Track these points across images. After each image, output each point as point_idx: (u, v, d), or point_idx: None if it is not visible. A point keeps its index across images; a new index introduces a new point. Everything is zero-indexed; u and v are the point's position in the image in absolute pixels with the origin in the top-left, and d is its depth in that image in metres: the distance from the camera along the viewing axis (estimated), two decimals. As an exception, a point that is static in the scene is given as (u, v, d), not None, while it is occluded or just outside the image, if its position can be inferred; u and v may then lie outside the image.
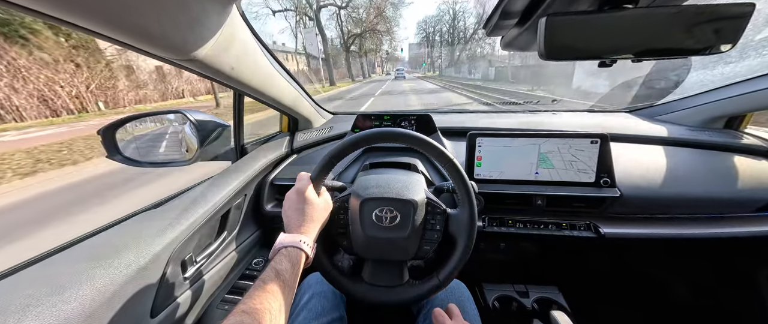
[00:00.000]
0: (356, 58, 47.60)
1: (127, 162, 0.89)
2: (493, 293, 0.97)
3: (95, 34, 0.39)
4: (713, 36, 0.45)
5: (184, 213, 0.66)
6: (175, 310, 0.63)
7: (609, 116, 1.31)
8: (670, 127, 1.10)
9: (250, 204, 0.94)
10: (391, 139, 0.62)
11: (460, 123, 1.20)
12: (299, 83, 1.05)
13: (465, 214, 0.60)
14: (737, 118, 1.07)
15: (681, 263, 1.11)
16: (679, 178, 0.88)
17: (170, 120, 1.02)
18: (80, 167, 4.79)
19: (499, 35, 0.64)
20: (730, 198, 0.84)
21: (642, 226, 0.82)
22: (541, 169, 0.87)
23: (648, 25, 0.46)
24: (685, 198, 0.84)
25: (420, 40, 62.14)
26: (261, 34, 0.73)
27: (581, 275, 1.18)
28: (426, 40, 61.22)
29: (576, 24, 0.46)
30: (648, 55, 0.50)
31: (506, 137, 0.88)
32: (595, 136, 0.82)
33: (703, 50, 0.47)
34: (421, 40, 62.82)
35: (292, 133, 1.21)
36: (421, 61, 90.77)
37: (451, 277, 0.60)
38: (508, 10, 0.52)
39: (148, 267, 0.54)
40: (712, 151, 0.98)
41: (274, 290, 0.43)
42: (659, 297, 1.12)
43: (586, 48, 0.48)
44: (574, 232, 0.83)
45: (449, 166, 0.60)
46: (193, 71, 0.58)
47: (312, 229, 0.55)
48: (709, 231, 0.80)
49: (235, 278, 0.87)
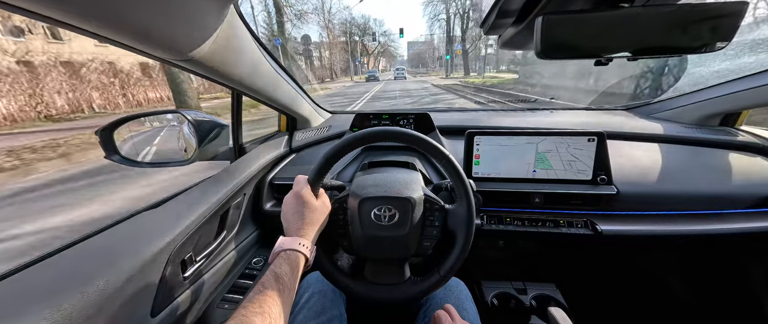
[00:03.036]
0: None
1: (125, 162, 0.89)
2: (491, 291, 0.98)
3: (92, 35, 0.39)
4: (708, 34, 0.46)
5: (183, 212, 0.66)
6: (175, 310, 0.63)
7: (606, 114, 1.31)
8: (666, 124, 1.11)
9: (249, 203, 0.94)
10: (388, 138, 0.62)
11: (458, 122, 1.20)
12: (298, 82, 1.05)
13: (463, 209, 0.60)
14: (732, 116, 1.08)
15: (677, 259, 1.12)
16: (675, 175, 0.89)
17: (168, 120, 1.02)
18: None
19: (497, 34, 0.65)
20: (725, 195, 0.85)
21: (639, 223, 0.83)
22: (539, 167, 0.88)
23: (644, 24, 0.46)
24: (680, 195, 0.85)
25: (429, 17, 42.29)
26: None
27: (579, 272, 1.19)
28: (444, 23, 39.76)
29: (572, 22, 0.46)
30: (644, 53, 0.50)
31: (504, 136, 0.88)
32: (593, 134, 0.83)
33: (699, 48, 0.47)
34: (433, 20, 42.02)
35: (290, 132, 1.21)
36: (422, 60, 79.81)
37: (452, 271, 0.60)
38: (505, 9, 0.53)
39: (148, 267, 0.54)
40: (707, 149, 0.99)
41: (273, 294, 0.43)
42: (656, 293, 1.14)
43: (582, 46, 0.49)
44: (572, 230, 0.84)
45: (446, 162, 0.61)
46: (192, 71, 0.58)
47: (311, 232, 0.55)
48: (705, 227, 0.81)
49: (234, 278, 0.87)
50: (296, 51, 31.55)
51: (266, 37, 24.24)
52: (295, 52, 29.25)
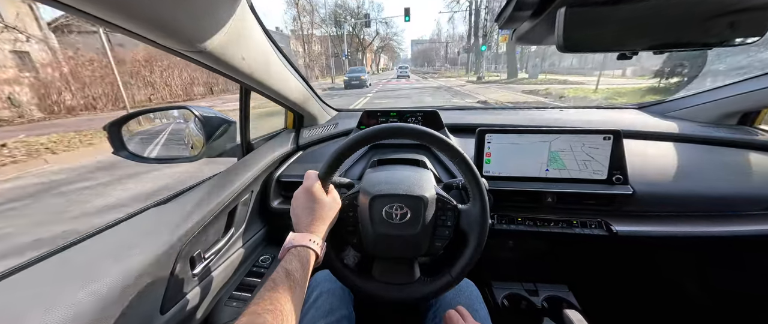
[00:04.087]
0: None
1: (132, 158, 0.89)
2: (502, 292, 0.96)
3: (105, 24, 0.38)
4: (738, 27, 0.44)
5: (192, 209, 0.66)
6: (184, 307, 0.63)
7: (619, 112, 1.29)
8: (681, 123, 1.08)
9: (257, 200, 0.94)
10: (400, 134, 0.60)
11: (466, 120, 1.18)
12: (306, 80, 1.04)
13: (477, 209, 0.59)
14: (751, 115, 1.05)
15: (694, 261, 1.10)
16: (692, 175, 0.87)
17: (176, 116, 1.02)
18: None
19: (513, 28, 0.63)
20: (745, 195, 0.82)
21: (655, 223, 0.81)
22: (552, 167, 0.86)
23: (671, 16, 0.44)
24: (698, 195, 0.83)
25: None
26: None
27: (592, 274, 1.16)
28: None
29: (595, 14, 0.44)
30: (669, 47, 0.48)
31: (516, 134, 0.86)
32: (609, 132, 0.81)
33: (727, 42, 0.45)
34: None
35: (297, 129, 1.20)
36: (427, 58, 69.80)
37: (464, 273, 0.59)
38: (522, 0, 0.51)
39: (157, 263, 0.54)
40: (725, 148, 0.96)
41: (285, 290, 0.43)
42: (672, 296, 1.11)
43: (605, 40, 0.47)
44: (585, 230, 0.82)
45: (460, 161, 0.59)
46: (203, 64, 0.57)
47: (321, 228, 0.54)
48: (724, 229, 0.78)
49: (242, 275, 0.87)
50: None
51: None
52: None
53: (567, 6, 0.43)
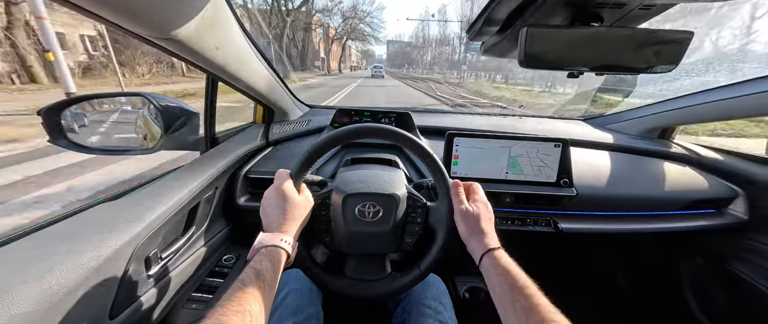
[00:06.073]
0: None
1: (74, 148, 0.79)
2: (464, 285, 1.03)
3: (72, 6, 0.34)
4: (660, 57, 0.53)
5: (149, 205, 0.60)
6: (137, 311, 0.58)
7: (566, 123, 1.44)
8: (616, 134, 1.25)
9: (221, 197, 0.89)
10: (377, 135, 0.62)
11: (436, 123, 1.24)
12: (278, 73, 1.01)
13: (444, 206, 0.63)
14: (669, 129, 1.25)
15: (624, 255, 1.27)
16: (623, 180, 1.01)
17: (131, 102, 0.92)
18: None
19: (481, 41, 0.69)
20: (660, 198, 0.98)
21: (593, 222, 0.93)
22: (511, 171, 0.94)
23: (608, 43, 0.52)
24: (626, 197, 0.97)
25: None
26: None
27: (543, 268, 1.29)
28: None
29: (551, 36, 0.51)
30: (607, 69, 0.56)
31: (481, 138, 0.93)
32: (558, 140, 0.91)
33: (651, 68, 0.54)
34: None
35: (267, 124, 1.16)
36: (408, 58, 67.75)
37: (432, 267, 0.62)
38: (491, 17, 0.56)
39: (108, 264, 0.49)
40: (647, 157, 1.13)
41: (254, 292, 0.41)
42: (606, 287, 1.28)
43: (558, 59, 0.53)
44: (537, 228, 0.92)
45: (430, 161, 0.63)
46: (172, 53, 0.54)
47: (293, 228, 0.54)
48: (644, 227, 0.93)
49: (203, 276, 0.82)
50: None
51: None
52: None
53: (529, 26, 0.49)
